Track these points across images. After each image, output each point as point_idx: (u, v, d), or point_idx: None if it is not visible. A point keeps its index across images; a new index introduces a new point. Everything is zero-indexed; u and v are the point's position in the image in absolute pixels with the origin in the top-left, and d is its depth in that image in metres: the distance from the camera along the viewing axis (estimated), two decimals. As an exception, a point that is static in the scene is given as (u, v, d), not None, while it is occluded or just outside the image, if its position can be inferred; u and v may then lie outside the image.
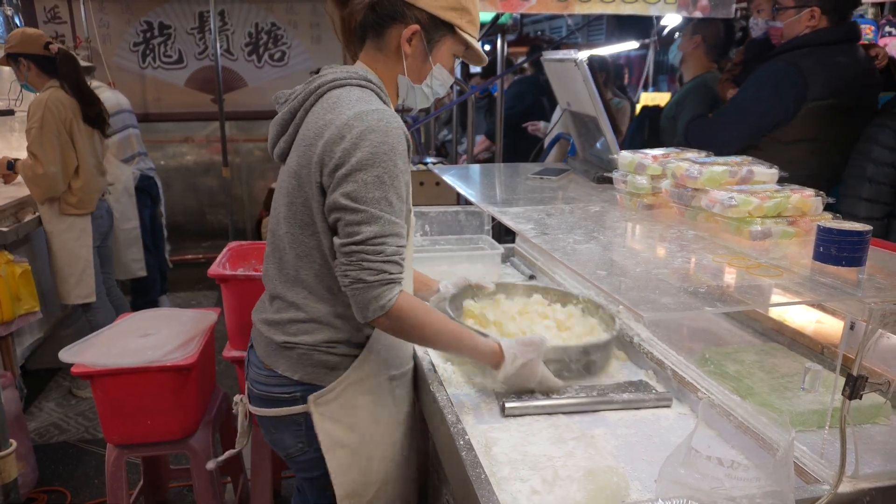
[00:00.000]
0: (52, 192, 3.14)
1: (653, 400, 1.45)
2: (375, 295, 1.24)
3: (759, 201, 1.34)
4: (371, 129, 1.22)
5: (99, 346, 2.10)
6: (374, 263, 1.23)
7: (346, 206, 1.22)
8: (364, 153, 1.21)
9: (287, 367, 1.38)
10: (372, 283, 1.23)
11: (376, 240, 1.23)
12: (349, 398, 1.38)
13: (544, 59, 2.36)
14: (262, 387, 1.43)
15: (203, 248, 5.89)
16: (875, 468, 1.12)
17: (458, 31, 1.35)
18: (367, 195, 1.22)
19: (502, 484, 1.16)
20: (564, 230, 1.46)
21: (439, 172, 2.45)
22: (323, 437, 1.38)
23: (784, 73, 2.27)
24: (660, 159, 1.66)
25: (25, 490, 2.65)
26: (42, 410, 3.43)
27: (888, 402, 1.27)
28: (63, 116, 3.09)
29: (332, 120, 1.25)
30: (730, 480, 0.92)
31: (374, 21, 1.33)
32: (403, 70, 1.37)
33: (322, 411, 1.37)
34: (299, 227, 1.33)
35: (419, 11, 1.31)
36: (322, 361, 1.37)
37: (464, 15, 1.34)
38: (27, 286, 2.98)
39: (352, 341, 1.38)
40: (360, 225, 1.22)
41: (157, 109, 5.75)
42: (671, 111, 3.10)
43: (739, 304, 1.20)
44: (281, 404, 1.40)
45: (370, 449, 1.42)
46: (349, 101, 1.26)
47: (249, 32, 5.76)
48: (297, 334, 1.37)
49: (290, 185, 1.33)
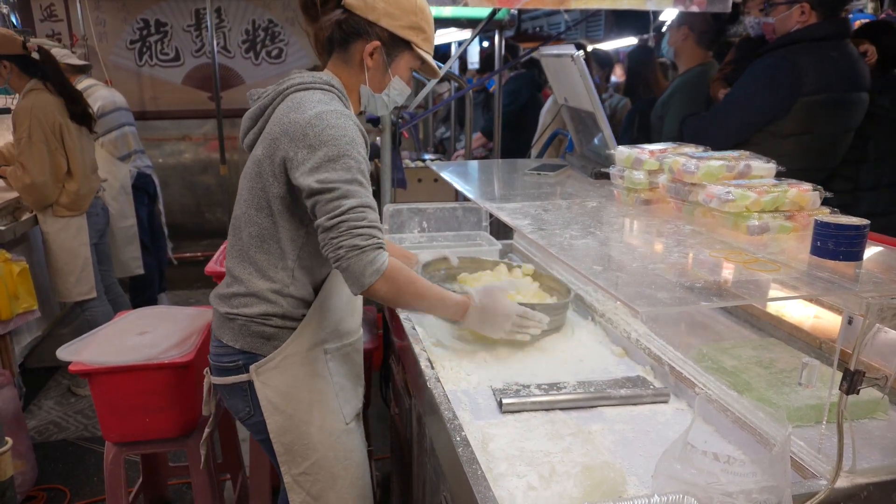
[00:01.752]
0: (44, 200, 3.13)
1: (650, 396, 1.45)
2: (371, 258, 1.34)
3: (756, 196, 1.33)
4: (331, 126, 1.36)
5: (97, 343, 2.10)
6: (363, 229, 1.34)
7: (321, 188, 1.34)
8: (329, 147, 1.35)
9: (230, 336, 1.53)
10: (366, 248, 1.34)
11: (358, 209, 1.35)
12: (286, 368, 1.51)
13: (541, 54, 2.35)
14: (214, 357, 1.59)
15: (201, 247, 5.88)
16: (872, 463, 1.11)
17: (414, 48, 1.51)
18: (339, 178, 1.35)
19: (499, 480, 1.16)
20: (561, 226, 1.45)
21: (437, 169, 2.45)
22: (263, 403, 1.52)
23: (777, 68, 2.28)
24: (657, 154, 1.66)
25: (25, 488, 2.65)
26: (41, 409, 3.43)
27: (885, 397, 1.27)
28: (51, 121, 3.05)
29: (295, 119, 1.38)
30: (726, 475, 0.92)
31: (340, 37, 1.49)
32: (365, 80, 1.52)
33: (263, 379, 1.51)
34: (255, 209, 1.47)
35: (380, 29, 1.46)
36: (259, 332, 1.50)
37: (419, 34, 1.50)
38: (25, 285, 2.98)
39: (287, 316, 1.50)
40: (339, 199, 1.34)
41: (154, 107, 5.74)
42: (659, 110, 3.09)
43: (736, 298, 1.20)
44: (229, 373, 1.55)
45: (305, 415, 1.54)
46: (311, 102, 1.40)
47: (246, 30, 5.75)
48: (238, 307, 1.51)
49: (252, 172, 1.48)
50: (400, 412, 1.97)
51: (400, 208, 2.55)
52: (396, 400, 2.00)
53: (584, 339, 1.80)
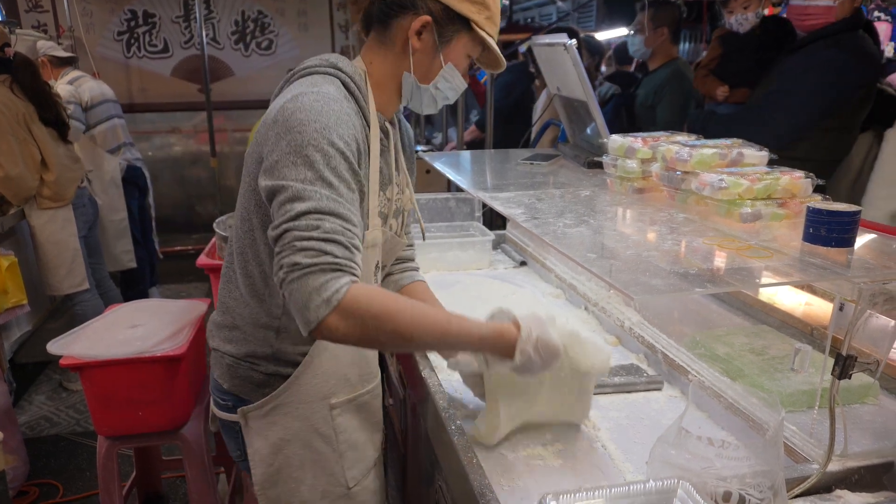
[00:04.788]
0: (24, 192, 3.08)
1: (644, 383, 1.46)
2: (316, 286, 0.97)
3: (748, 183, 1.34)
4: (302, 108, 1.06)
5: (88, 337, 2.09)
6: (312, 241, 0.99)
7: (276, 186, 1.04)
8: (293, 134, 1.05)
9: (219, 374, 1.31)
10: (309, 268, 0.98)
11: (311, 215, 1.00)
12: (278, 419, 1.25)
13: (533, 43, 2.34)
14: (211, 387, 1.38)
15: (192, 240, 5.85)
16: (863, 447, 1.13)
17: (474, 28, 1.20)
18: (298, 175, 1.03)
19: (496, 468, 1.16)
20: (555, 214, 1.45)
21: (429, 159, 2.43)
22: (250, 451, 1.29)
23: (841, 59, 2.26)
24: (650, 143, 1.66)
25: (17, 483, 2.64)
26: (32, 404, 3.41)
27: (876, 382, 1.29)
28: (15, 112, 2.98)
29: (274, 106, 1.13)
30: (720, 460, 0.93)
31: (381, 10, 1.20)
32: (409, 67, 1.21)
33: (251, 425, 1.27)
34: (240, 219, 1.22)
35: (433, 2, 1.16)
36: (248, 377, 1.26)
37: (482, 10, 1.19)
38: (14, 279, 2.95)
39: (280, 358, 1.23)
40: (291, 202, 1.02)
41: (142, 100, 5.69)
42: (648, 99, 3.13)
43: (730, 285, 1.21)
44: (220, 409, 1.34)
45: (297, 472, 1.28)
46: (300, 86, 1.13)
47: (236, 20, 5.70)
48: (224, 342, 1.28)
49: (243, 172, 1.23)
50: (394, 403, 1.97)
51: (392, 199, 2.54)
52: (390, 391, 2.00)
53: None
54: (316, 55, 1.26)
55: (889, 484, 1.10)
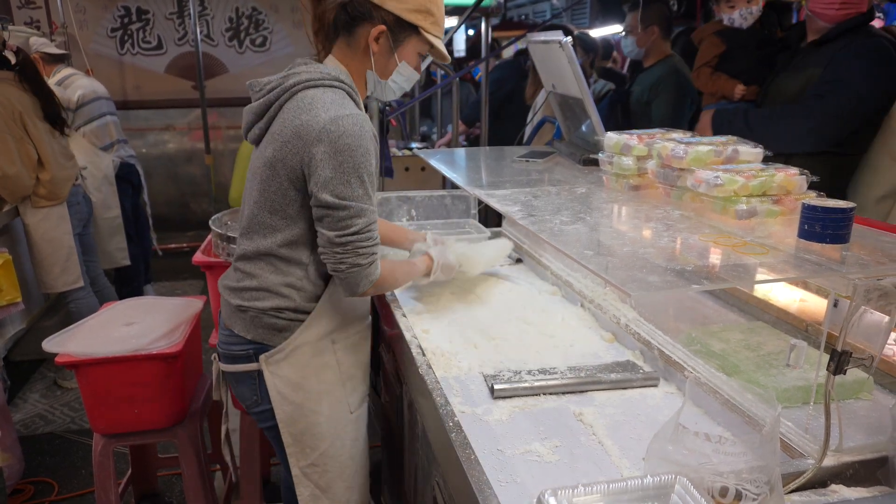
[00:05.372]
0: (20, 191, 3.06)
1: (640, 380, 1.47)
2: (367, 273, 1.43)
3: (744, 180, 1.34)
4: (348, 134, 1.34)
5: (83, 335, 2.08)
6: (367, 248, 1.42)
7: (335, 203, 1.37)
8: (344, 157, 1.35)
9: (242, 327, 1.54)
10: (365, 265, 1.42)
11: (366, 229, 1.41)
12: (296, 358, 1.52)
13: (528, 40, 2.34)
14: (224, 345, 1.59)
15: (187, 238, 5.83)
16: (858, 442, 1.13)
17: (422, 32, 1.46)
18: (353, 193, 1.37)
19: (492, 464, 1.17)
20: (551, 212, 1.45)
21: (425, 157, 2.44)
22: (273, 393, 1.53)
23: (885, 48, 2.23)
24: (645, 140, 1.66)
25: (12, 481, 2.63)
26: (27, 402, 3.39)
27: (871, 378, 1.29)
28: (11, 111, 2.97)
29: (308, 122, 1.36)
30: (717, 456, 0.93)
31: (345, 20, 1.44)
32: (371, 66, 1.48)
33: (272, 370, 1.52)
34: (269, 211, 1.46)
35: (386, 13, 1.42)
36: (271, 324, 1.51)
37: (427, 17, 1.45)
38: (8, 277, 2.93)
39: (298, 309, 1.52)
40: (351, 219, 1.38)
41: (136, 97, 5.66)
42: (643, 96, 3.13)
43: (726, 281, 1.21)
44: (238, 361, 1.56)
45: (314, 404, 1.55)
46: (324, 105, 1.37)
47: (230, 17, 5.68)
48: (250, 300, 1.52)
49: (265, 175, 1.45)
50: (391, 400, 1.97)
51: (388, 196, 2.54)
52: (387, 388, 2.00)
53: (573, 324, 1.81)
54: (310, 51, 1.50)
55: (883, 478, 1.10)
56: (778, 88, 2.51)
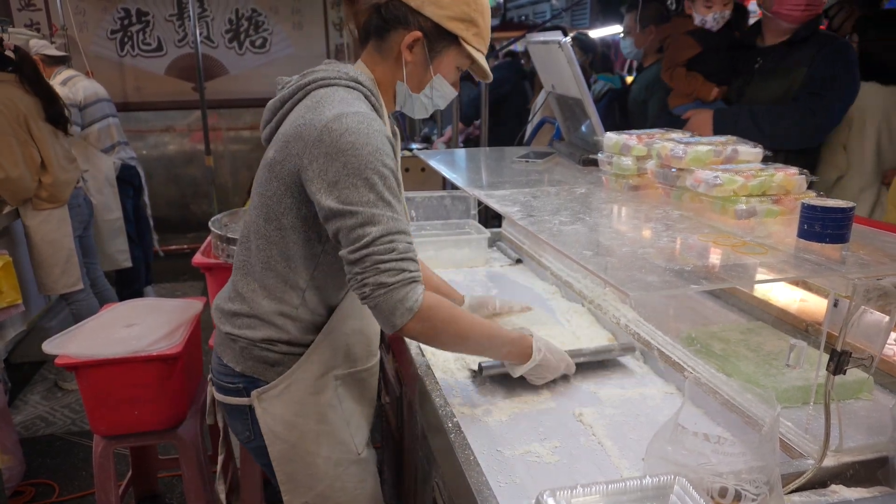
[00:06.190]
0: (22, 193, 3.07)
1: (618, 349, 1.57)
2: (401, 297, 1.16)
3: (743, 180, 1.34)
4: (351, 131, 1.15)
5: (83, 337, 2.08)
6: (389, 263, 1.15)
7: (341, 210, 1.15)
8: (348, 156, 1.15)
9: (231, 358, 1.37)
10: (394, 285, 1.15)
11: (384, 238, 1.15)
12: (292, 395, 1.35)
13: (528, 41, 2.34)
14: (215, 373, 1.43)
15: (188, 239, 5.84)
16: (858, 442, 1.13)
17: (462, 44, 1.29)
18: (360, 197, 1.15)
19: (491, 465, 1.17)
20: (550, 212, 1.45)
21: (425, 158, 2.43)
22: (265, 431, 1.36)
23: (852, 54, 2.39)
24: (645, 140, 1.66)
25: (13, 483, 2.63)
26: (27, 404, 3.39)
27: (871, 378, 1.29)
28: (16, 113, 2.98)
29: (311, 120, 1.20)
30: (716, 456, 0.93)
31: (378, 24, 1.29)
32: (403, 76, 1.31)
33: (265, 406, 1.35)
34: (264, 219, 1.29)
35: (424, 19, 1.25)
36: (262, 357, 1.34)
37: (470, 27, 1.28)
38: (8, 279, 2.93)
39: (293, 342, 1.34)
40: (362, 227, 1.15)
41: (136, 98, 5.67)
42: (640, 95, 3.13)
43: (724, 282, 1.21)
44: (229, 393, 1.39)
45: (312, 445, 1.38)
46: (331, 102, 1.21)
47: (230, 19, 5.68)
48: (240, 328, 1.34)
49: (264, 177, 1.29)
50: (391, 401, 1.97)
51: (388, 197, 2.53)
52: (387, 389, 2.00)
53: (573, 324, 1.81)
54: (310, 53, 1.36)
55: (883, 479, 1.10)
56: (758, 89, 2.54)
